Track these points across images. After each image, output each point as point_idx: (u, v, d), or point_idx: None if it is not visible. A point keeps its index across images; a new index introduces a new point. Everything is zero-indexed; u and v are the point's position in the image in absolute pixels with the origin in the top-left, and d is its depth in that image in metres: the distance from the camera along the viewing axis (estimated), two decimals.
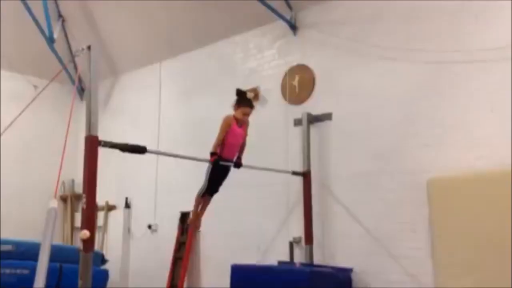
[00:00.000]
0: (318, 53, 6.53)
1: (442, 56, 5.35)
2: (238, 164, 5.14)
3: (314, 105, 6.43)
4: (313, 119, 6.33)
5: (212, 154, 4.84)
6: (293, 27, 6.78)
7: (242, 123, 4.97)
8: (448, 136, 5.20)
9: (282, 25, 6.85)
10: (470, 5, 5.23)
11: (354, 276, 5.60)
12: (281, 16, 6.70)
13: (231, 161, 5.03)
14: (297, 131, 6.44)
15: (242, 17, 7.27)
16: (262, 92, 7.06)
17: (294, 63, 6.73)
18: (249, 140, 7.00)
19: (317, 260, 5.95)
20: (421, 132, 5.41)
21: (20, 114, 4.35)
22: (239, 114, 4.92)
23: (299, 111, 6.45)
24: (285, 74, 6.79)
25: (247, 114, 4.97)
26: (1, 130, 4.59)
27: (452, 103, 5.23)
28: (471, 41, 5.17)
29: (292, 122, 6.58)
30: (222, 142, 4.88)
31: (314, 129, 6.34)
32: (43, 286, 3.26)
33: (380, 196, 5.64)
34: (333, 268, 5.60)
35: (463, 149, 5.07)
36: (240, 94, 5.04)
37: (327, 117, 6.27)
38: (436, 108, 5.34)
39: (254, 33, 7.33)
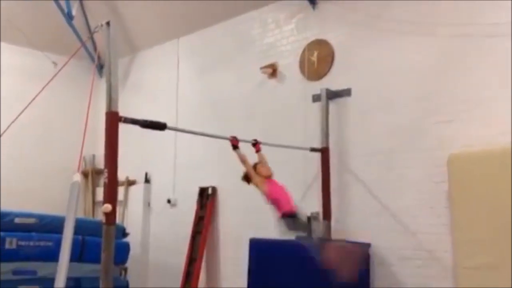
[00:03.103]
0: (337, 28, 6.43)
1: (464, 29, 5.23)
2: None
3: (333, 80, 6.36)
4: (332, 95, 6.27)
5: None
6: (312, 2, 6.66)
7: (269, 176, 5.08)
8: (469, 112, 5.12)
9: None
10: None
11: (372, 251, 5.63)
12: None
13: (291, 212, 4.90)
14: (316, 107, 6.40)
15: None
16: (280, 67, 7.01)
17: (313, 38, 6.65)
18: (267, 116, 7.05)
19: (335, 235, 5.98)
20: (442, 108, 5.34)
21: (41, 91, 4.41)
22: (262, 171, 5.03)
23: (317, 87, 6.39)
24: (304, 50, 6.72)
25: (264, 166, 5.12)
26: (23, 107, 4.65)
27: (474, 78, 5.13)
28: (494, 14, 5.02)
29: (310, 98, 6.53)
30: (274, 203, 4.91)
31: (333, 105, 6.29)
32: (68, 257, 3.35)
33: (398, 173, 5.61)
34: (351, 243, 5.63)
35: (484, 125, 4.99)
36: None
37: (346, 93, 6.21)
38: (457, 83, 5.25)
39: (272, 8, 7.24)
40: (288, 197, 4.91)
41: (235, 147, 5.01)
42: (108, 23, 4.05)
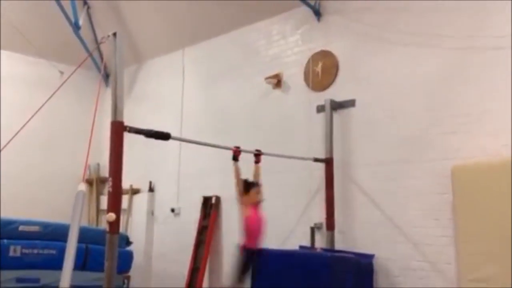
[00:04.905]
0: (341, 39, 6.48)
1: (468, 42, 5.25)
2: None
3: (337, 91, 6.39)
4: (336, 106, 6.30)
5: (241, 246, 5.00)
6: (317, 13, 6.72)
7: (258, 203, 5.10)
8: (473, 123, 5.13)
9: (305, 11, 6.80)
10: None
11: (375, 263, 5.61)
12: (305, 2, 6.65)
13: (254, 250, 5.06)
14: (320, 118, 6.42)
15: (265, 3, 7.23)
16: (285, 78, 7.05)
17: (318, 49, 6.69)
18: (271, 126, 7.07)
19: (338, 246, 5.97)
20: (446, 119, 5.35)
21: (49, 98, 4.44)
22: (253, 197, 5.06)
23: (322, 97, 6.42)
24: (308, 60, 6.75)
25: (259, 192, 5.10)
26: (28, 116, 4.67)
27: (478, 90, 5.14)
28: (498, 27, 5.04)
29: (315, 109, 6.56)
30: (246, 232, 5.02)
31: (337, 116, 6.31)
32: (72, 265, 3.35)
33: (403, 184, 5.61)
34: (354, 254, 5.62)
35: (488, 137, 4.99)
36: (245, 184, 5.10)
37: (350, 103, 6.23)
38: (461, 95, 5.26)
39: (278, 19, 7.30)
40: (259, 234, 5.04)
41: (235, 158, 5.09)
42: (115, 34, 4.10)
